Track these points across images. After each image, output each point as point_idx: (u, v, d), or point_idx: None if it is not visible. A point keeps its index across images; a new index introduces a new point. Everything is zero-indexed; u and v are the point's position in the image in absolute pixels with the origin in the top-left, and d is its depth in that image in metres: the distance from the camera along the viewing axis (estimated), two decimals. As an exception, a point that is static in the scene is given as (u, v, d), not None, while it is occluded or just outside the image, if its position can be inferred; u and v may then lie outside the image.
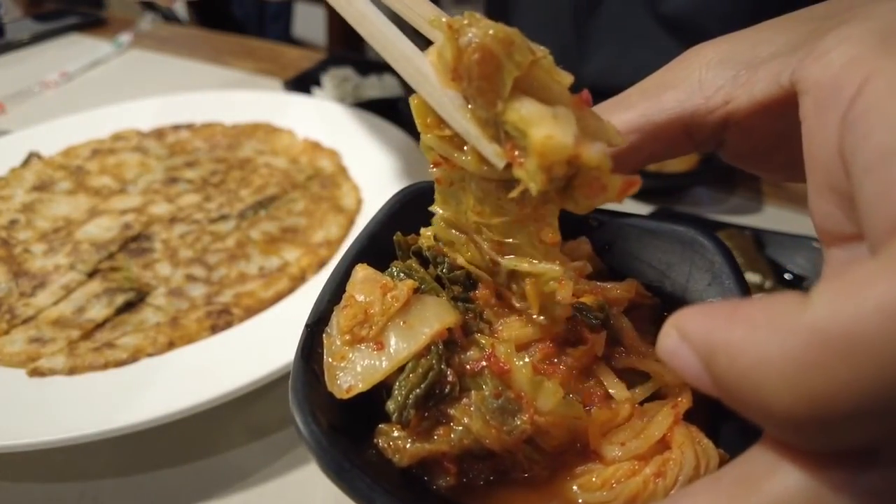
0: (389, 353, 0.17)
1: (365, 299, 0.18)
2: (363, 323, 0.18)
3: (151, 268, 0.42)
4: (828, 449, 0.12)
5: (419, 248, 0.20)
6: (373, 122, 0.56)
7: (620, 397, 0.18)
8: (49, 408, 0.31)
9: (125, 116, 0.60)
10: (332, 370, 0.18)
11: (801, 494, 0.12)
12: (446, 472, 0.17)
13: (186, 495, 0.30)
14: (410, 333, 0.17)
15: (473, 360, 0.17)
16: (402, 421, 0.17)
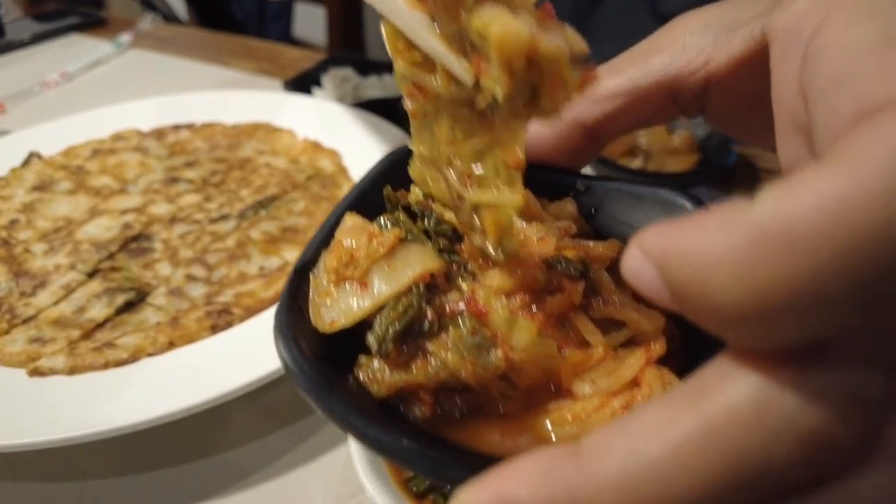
0: (372, 292, 0.18)
1: (352, 244, 0.19)
2: (348, 265, 0.18)
3: (152, 268, 0.42)
4: (776, 346, 0.12)
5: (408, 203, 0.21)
6: (373, 122, 0.56)
7: (595, 341, 0.18)
8: (49, 407, 0.31)
9: (125, 116, 0.60)
10: (316, 306, 0.18)
11: (752, 397, 0.12)
12: (422, 403, 0.18)
13: (187, 495, 0.30)
14: (393, 275, 0.18)
15: (453, 302, 0.18)
16: (382, 353, 0.17)
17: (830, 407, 0.12)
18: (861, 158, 0.11)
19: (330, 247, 0.19)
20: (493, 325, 0.17)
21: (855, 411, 0.12)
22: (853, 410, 0.12)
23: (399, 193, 0.21)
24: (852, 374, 0.12)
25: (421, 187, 0.20)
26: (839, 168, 0.11)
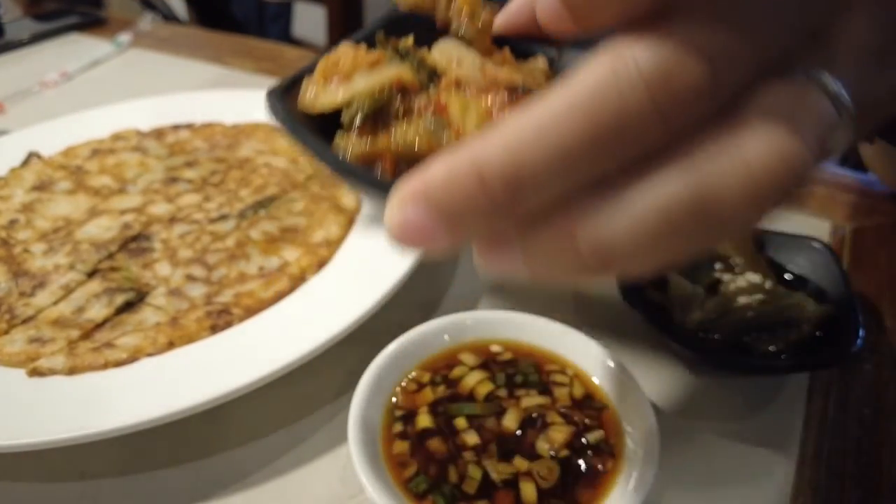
0: (352, 85, 0.22)
1: (341, 56, 0.22)
2: (336, 67, 0.22)
3: (151, 268, 0.42)
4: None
5: (397, 47, 0.24)
6: (373, 122, 0.56)
7: None
8: (49, 407, 0.31)
9: (125, 116, 0.60)
10: (304, 94, 0.22)
11: (607, 61, 0.13)
12: (384, 170, 0.21)
13: (187, 495, 0.30)
14: (372, 76, 0.22)
15: (421, 103, 0.21)
16: (353, 127, 0.21)
17: (675, 56, 0.13)
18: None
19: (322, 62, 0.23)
20: (451, 115, 0.20)
21: (699, 62, 0.13)
22: (697, 60, 0.13)
23: (390, 40, 0.24)
24: (696, 31, 0.13)
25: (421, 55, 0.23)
26: None
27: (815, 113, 0.14)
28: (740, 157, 0.13)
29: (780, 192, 0.13)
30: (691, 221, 0.13)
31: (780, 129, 0.13)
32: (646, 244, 0.14)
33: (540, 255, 0.14)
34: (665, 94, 0.13)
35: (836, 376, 0.36)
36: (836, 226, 0.49)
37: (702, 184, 0.13)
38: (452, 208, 0.14)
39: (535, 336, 0.33)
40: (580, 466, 0.27)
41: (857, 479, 0.30)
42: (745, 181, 0.13)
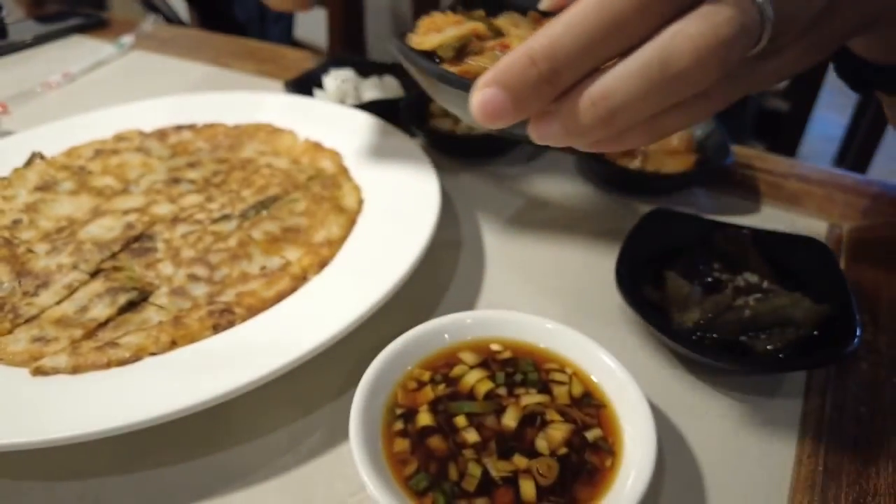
0: (445, 33, 0.30)
1: (436, 19, 0.32)
2: (433, 25, 0.31)
3: (154, 267, 0.42)
4: None
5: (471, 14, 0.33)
6: (374, 123, 0.56)
7: None
8: (52, 407, 0.31)
9: (127, 117, 0.60)
10: (412, 40, 0.31)
11: None
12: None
13: (188, 493, 0.30)
14: (459, 27, 0.30)
15: (490, 44, 0.30)
16: (445, 57, 0.29)
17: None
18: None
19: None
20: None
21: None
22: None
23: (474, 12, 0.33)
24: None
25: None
26: None
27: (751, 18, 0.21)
28: (687, 33, 0.20)
29: (716, 57, 0.21)
30: (660, 78, 0.21)
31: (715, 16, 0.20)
32: (635, 95, 0.21)
33: (570, 116, 0.22)
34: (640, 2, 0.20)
35: (833, 375, 0.36)
36: (834, 225, 0.49)
37: (665, 51, 0.20)
38: (514, 83, 0.21)
39: (535, 335, 0.33)
40: (579, 464, 0.28)
41: (854, 478, 0.31)
42: (691, 48, 0.20)
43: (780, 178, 0.55)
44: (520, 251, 0.47)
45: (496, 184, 0.55)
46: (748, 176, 0.55)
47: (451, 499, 0.26)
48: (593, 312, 0.41)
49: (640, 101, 0.21)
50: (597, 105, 0.21)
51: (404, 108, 0.59)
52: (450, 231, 0.49)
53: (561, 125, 0.22)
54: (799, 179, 0.55)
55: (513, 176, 0.56)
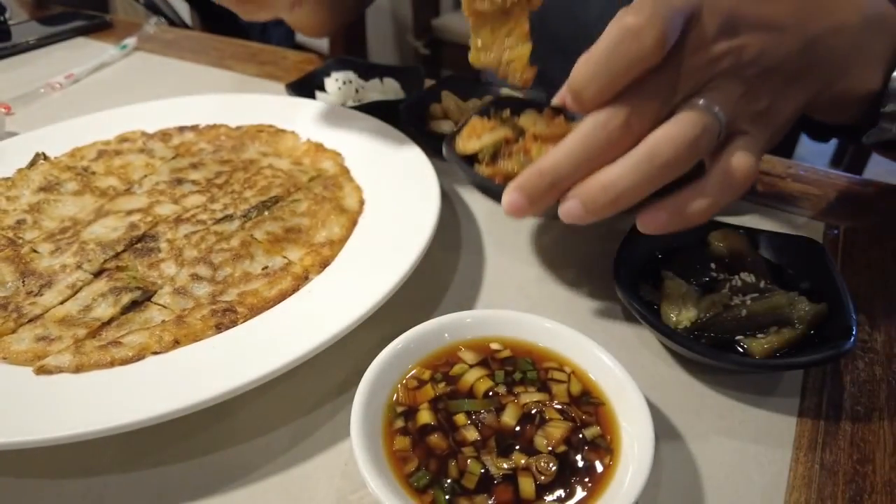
0: (483, 140, 0.43)
1: (476, 124, 0.45)
2: (473, 131, 0.44)
3: (157, 267, 0.42)
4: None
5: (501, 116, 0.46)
6: (374, 124, 0.57)
7: None
8: (55, 405, 0.31)
9: (130, 118, 0.60)
10: (458, 143, 0.44)
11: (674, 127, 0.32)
12: (499, 182, 0.42)
13: (191, 491, 0.31)
14: (492, 134, 0.43)
15: (515, 148, 0.42)
16: (482, 160, 0.42)
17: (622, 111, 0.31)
18: None
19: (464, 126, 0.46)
20: (532, 154, 0.41)
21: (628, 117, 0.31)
22: (627, 116, 0.31)
23: (498, 112, 0.46)
24: (625, 103, 0.31)
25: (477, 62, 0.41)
26: None
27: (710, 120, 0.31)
28: (668, 135, 0.30)
29: (691, 150, 0.30)
30: (650, 168, 0.30)
31: (686, 121, 0.30)
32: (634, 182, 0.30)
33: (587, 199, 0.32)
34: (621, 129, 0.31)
35: (829, 374, 0.36)
36: (830, 226, 0.49)
37: (652, 150, 0.30)
38: (529, 190, 0.33)
39: (534, 334, 0.34)
40: (577, 462, 0.28)
41: (851, 476, 0.31)
42: (671, 146, 0.30)
43: (777, 178, 0.55)
44: (519, 251, 0.47)
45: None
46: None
47: (451, 496, 0.27)
48: (592, 311, 0.41)
49: (637, 186, 0.30)
50: (607, 190, 0.31)
51: (405, 109, 0.59)
52: (450, 231, 0.49)
53: (581, 206, 0.31)
54: (795, 180, 0.55)
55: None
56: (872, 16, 0.37)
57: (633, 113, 0.31)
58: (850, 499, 0.30)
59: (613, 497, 0.26)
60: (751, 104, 0.32)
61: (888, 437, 0.33)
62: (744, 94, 0.32)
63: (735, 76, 0.32)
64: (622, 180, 0.30)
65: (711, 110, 0.31)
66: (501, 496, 0.27)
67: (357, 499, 0.30)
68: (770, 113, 0.33)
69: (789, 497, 0.30)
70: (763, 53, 0.32)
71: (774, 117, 0.34)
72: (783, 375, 0.36)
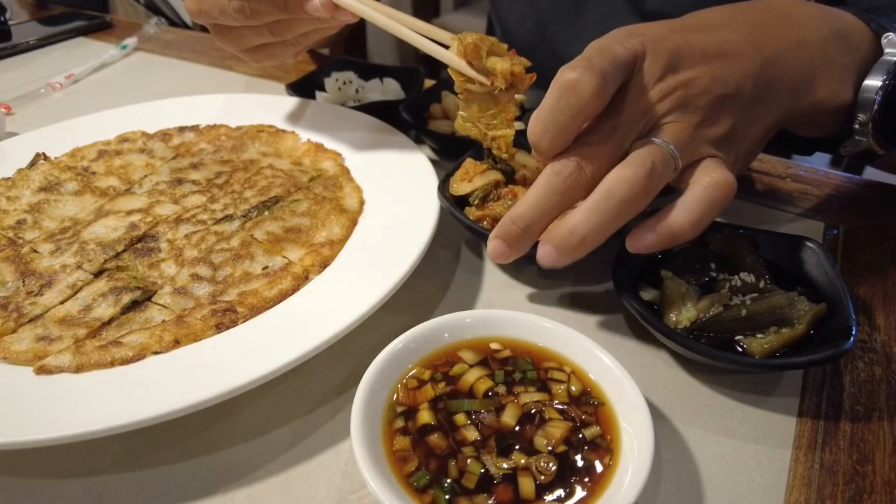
0: (474, 183, 0.44)
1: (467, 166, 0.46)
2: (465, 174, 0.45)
3: (157, 267, 0.42)
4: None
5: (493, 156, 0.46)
6: (374, 125, 0.57)
7: None
8: (56, 405, 0.31)
9: (131, 118, 0.61)
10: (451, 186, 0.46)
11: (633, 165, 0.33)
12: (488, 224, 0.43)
13: (191, 491, 0.31)
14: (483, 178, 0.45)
15: (504, 191, 0.44)
16: (474, 203, 0.44)
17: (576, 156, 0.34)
18: None
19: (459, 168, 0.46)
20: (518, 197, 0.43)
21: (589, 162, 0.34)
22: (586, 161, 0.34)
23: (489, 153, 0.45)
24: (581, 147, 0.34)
25: (462, 131, 0.43)
26: None
27: (660, 154, 0.33)
28: (620, 176, 0.32)
29: (643, 188, 0.32)
30: (608, 209, 0.32)
31: (636, 161, 0.32)
32: (595, 223, 0.32)
33: (557, 244, 0.34)
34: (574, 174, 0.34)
35: (829, 374, 0.36)
36: (829, 226, 0.49)
37: (607, 192, 0.32)
38: (506, 237, 0.36)
39: (534, 334, 0.34)
40: (577, 462, 0.28)
41: (851, 475, 0.31)
42: (625, 186, 0.32)
43: (777, 178, 0.56)
44: (519, 252, 0.47)
45: (496, 185, 0.55)
46: (745, 177, 0.56)
47: (451, 496, 0.27)
48: (591, 311, 0.41)
49: (600, 227, 0.33)
50: (573, 234, 0.33)
51: (405, 109, 0.59)
52: (450, 231, 0.49)
53: (553, 250, 0.34)
54: (795, 180, 0.55)
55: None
56: (837, 29, 0.38)
57: (583, 158, 0.33)
58: (849, 499, 0.30)
59: (613, 497, 0.26)
60: (710, 130, 0.34)
61: (888, 437, 0.33)
62: (700, 122, 0.33)
63: (688, 108, 0.33)
64: (585, 223, 0.32)
65: (664, 145, 0.33)
66: (501, 496, 0.27)
67: (357, 499, 0.30)
68: (734, 136, 0.35)
69: (789, 497, 0.30)
70: (714, 81, 0.34)
71: (741, 139, 0.35)
72: (783, 375, 0.36)
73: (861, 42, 0.39)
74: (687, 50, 0.34)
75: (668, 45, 0.34)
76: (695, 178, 0.33)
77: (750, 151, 0.37)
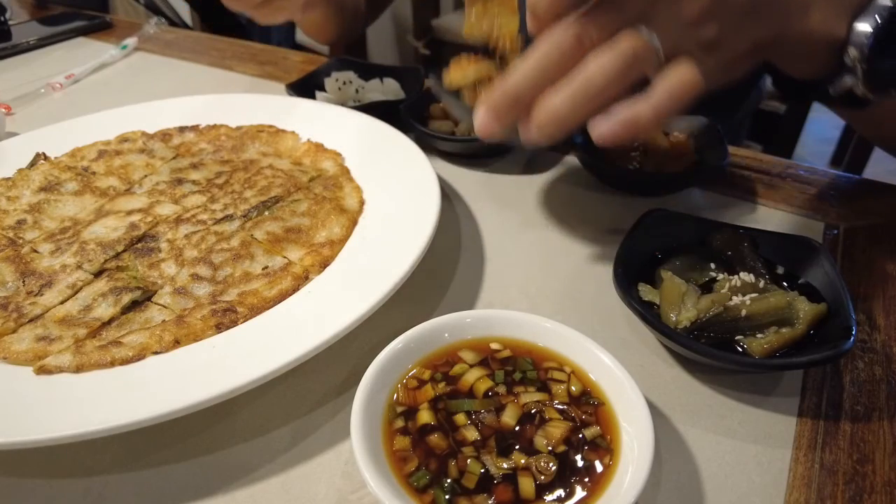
0: (466, 73, 0.43)
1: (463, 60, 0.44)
2: (459, 65, 0.44)
3: (157, 267, 0.42)
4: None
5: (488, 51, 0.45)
6: (374, 125, 0.57)
7: None
8: (56, 405, 0.31)
9: (131, 118, 0.61)
10: (444, 80, 0.44)
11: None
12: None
13: (191, 491, 0.31)
14: (476, 68, 0.43)
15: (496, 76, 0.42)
16: (466, 96, 0.43)
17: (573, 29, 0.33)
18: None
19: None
20: None
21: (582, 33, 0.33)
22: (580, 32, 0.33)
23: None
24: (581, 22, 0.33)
25: (470, 35, 0.43)
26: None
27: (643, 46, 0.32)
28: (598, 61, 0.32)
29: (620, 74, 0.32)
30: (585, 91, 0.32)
31: (616, 46, 0.32)
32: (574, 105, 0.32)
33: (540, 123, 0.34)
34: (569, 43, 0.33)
35: (829, 374, 0.36)
36: (829, 226, 0.49)
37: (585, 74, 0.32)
38: (496, 109, 0.34)
39: (534, 334, 0.34)
40: (577, 462, 0.28)
41: (851, 475, 0.31)
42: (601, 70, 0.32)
43: (777, 178, 0.56)
44: (519, 251, 0.47)
45: (495, 184, 0.55)
46: (745, 176, 0.56)
47: (451, 496, 0.27)
48: (591, 311, 0.41)
49: (578, 109, 0.33)
50: (553, 116, 0.33)
51: (405, 109, 0.59)
52: (450, 231, 0.49)
53: (536, 129, 0.34)
54: (795, 180, 0.55)
55: (512, 177, 0.57)
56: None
57: (582, 31, 0.33)
58: (849, 499, 0.30)
59: (613, 497, 0.26)
60: (698, 32, 0.34)
61: (888, 437, 0.33)
62: (692, 23, 0.34)
63: (681, 4, 0.33)
64: (563, 106, 0.33)
65: (650, 37, 0.32)
66: (501, 496, 0.27)
67: (357, 498, 0.30)
68: (721, 44, 0.35)
69: (789, 497, 0.30)
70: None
71: (726, 49, 0.35)
72: (783, 375, 0.36)
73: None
74: None
75: None
76: (665, 71, 0.33)
77: (731, 64, 0.36)
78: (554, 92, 0.33)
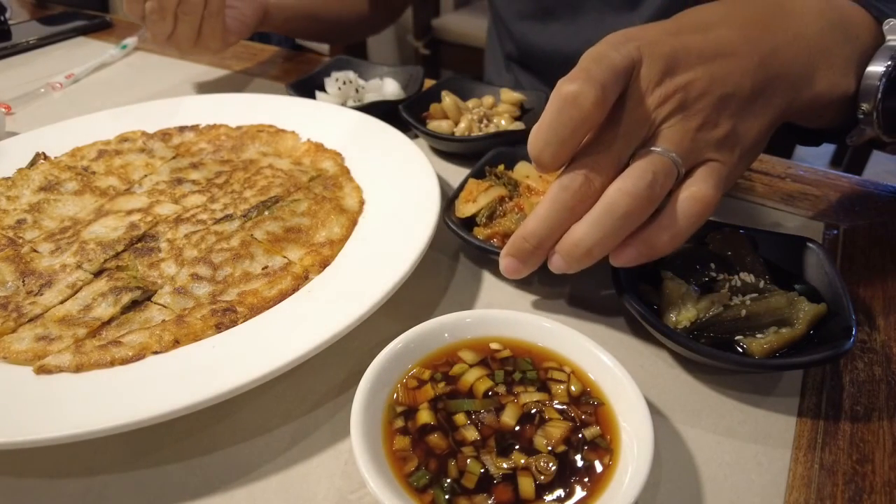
0: (479, 202, 0.45)
1: (471, 188, 0.46)
2: (469, 194, 0.46)
3: (157, 267, 0.42)
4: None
5: (496, 173, 0.48)
6: (374, 125, 0.57)
7: None
8: (56, 405, 0.31)
9: (131, 118, 0.61)
10: (456, 208, 0.46)
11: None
12: (498, 242, 0.43)
13: (191, 490, 0.31)
14: (487, 194, 0.45)
15: (510, 206, 0.44)
16: (481, 222, 0.44)
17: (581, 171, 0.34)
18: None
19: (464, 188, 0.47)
20: (525, 210, 0.43)
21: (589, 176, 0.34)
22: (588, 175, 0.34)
23: (495, 169, 0.48)
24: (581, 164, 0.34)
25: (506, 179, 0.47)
26: None
27: (661, 164, 0.33)
28: (622, 189, 0.32)
29: (644, 198, 0.32)
30: (611, 222, 0.32)
31: (635, 172, 0.32)
32: (599, 237, 0.33)
33: (565, 256, 0.35)
34: (582, 188, 0.34)
35: (828, 374, 0.36)
36: (829, 226, 0.49)
37: (608, 205, 0.32)
38: (518, 254, 0.36)
39: (533, 334, 0.34)
40: (577, 462, 0.28)
41: (850, 476, 0.31)
42: (626, 198, 0.32)
43: (777, 178, 0.56)
44: (519, 251, 0.47)
45: (496, 185, 0.55)
46: (745, 177, 0.56)
47: (450, 496, 0.27)
48: (592, 311, 0.41)
49: (604, 239, 0.33)
50: (579, 246, 0.33)
51: (404, 109, 0.59)
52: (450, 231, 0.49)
53: (562, 260, 0.35)
54: (795, 180, 0.55)
55: (512, 177, 0.56)
56: (835, 19, 0.38)
57: (590, 171, 0.33)
58: (849, 499, 0.30)
59: (613, 497, 0.26)
60: (710, 133, 0.34)
61: (888, 437, 0.33)
62: (700, 126, 0.33)
63: (687, 112, 0.33)
64: (589, 237, 0.33)
65: (665, 153, 0.33)
66: (501, 496, 0.27)
67: (357, 498, 0.30)
68: (734, 136, 0.34)
69: (789, 497, 0.30)
70: (713, 82, 0.33)
71: (741, 139, 0.35)
72: (783, 375, 0.36)
73: (861, 30, 0.38)
74: (683, 52, 0.33)
75: (665, 48, 0.33)
76: (678, 192, 0.33)
77: (753, 149, 0.36)
78: (579, 225, 0.33)
